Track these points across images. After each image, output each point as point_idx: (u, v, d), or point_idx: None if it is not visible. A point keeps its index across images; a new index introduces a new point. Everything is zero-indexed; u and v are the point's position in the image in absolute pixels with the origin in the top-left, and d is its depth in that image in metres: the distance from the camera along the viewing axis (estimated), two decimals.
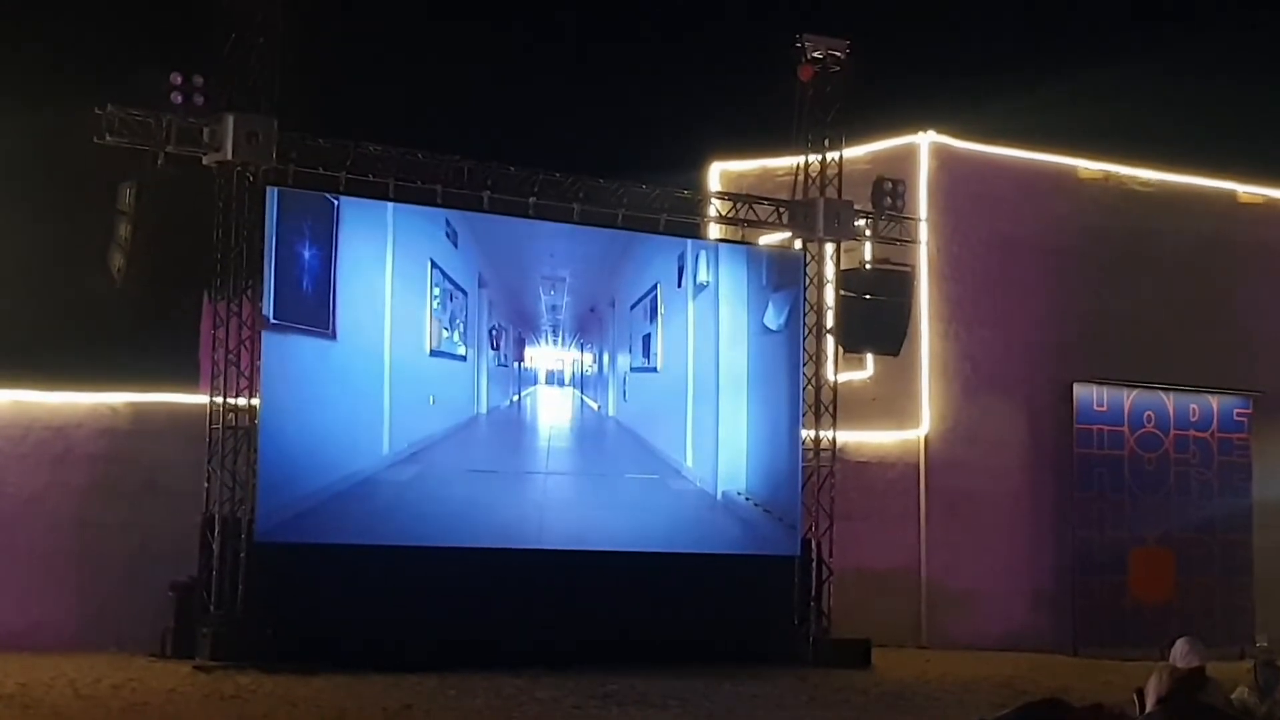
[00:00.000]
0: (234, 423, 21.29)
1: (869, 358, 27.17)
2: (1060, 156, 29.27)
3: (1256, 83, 32.39)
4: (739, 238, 25.44)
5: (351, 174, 22.09)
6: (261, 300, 21.12)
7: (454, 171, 22.76)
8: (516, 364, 23.63)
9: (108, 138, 20.57)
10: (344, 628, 20.70)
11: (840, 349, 25.53)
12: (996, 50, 33.09)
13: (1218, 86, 32.06)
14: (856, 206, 25.30)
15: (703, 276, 24.75)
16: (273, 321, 21.20)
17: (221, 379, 21.34)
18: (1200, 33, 33.51)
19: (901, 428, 27.81)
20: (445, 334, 23.01)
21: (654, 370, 24.50)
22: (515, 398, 23.63)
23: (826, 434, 25.10)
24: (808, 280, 25.18)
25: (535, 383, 23.74)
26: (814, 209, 25.03)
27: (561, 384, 23.88)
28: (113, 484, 22.17)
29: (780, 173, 26.89)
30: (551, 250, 23.97)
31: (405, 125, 25.45)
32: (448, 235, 22.99)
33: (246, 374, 21.30)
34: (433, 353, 22.84)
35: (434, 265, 22.79)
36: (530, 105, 31.20)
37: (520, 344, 23.64)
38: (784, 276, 25.07)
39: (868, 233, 25.60)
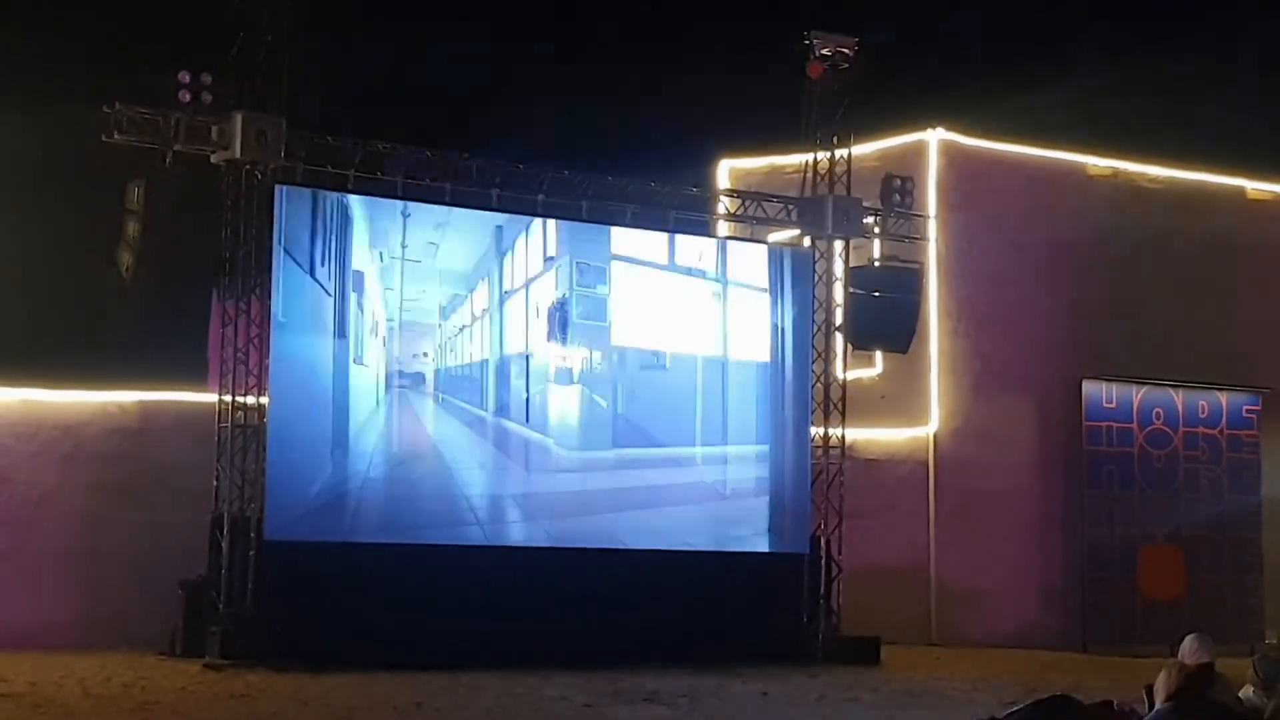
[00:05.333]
0: (243, 421, 21.32)
1: (878, 355, 27.19)
2: (1069, 154, 29.25)
3: (1266, 79, 32.36)
4: (748, 235, 25.44)
5: (360, 172, 22.09)
6: (270, 299, 21.12)
7: (462, 169, 22.77)
8: (525, 361, 23.61)
9: (116, 136, 20.57)
10: (354, 625, 20.68)
11: (849, 346, 25.51)
12: (1005, 47, 33.08)
13: (1227, 83, 32.03)
14: (865, 204, 25.29)
15: (712, 273, 24.77)
16: (281, 319, 21.19)
17: (230, 377, 21.35)
18: (1209, 29, 33.47)
19: (910, 425, 27.81)
20: None
21: (663, 368, 24.49)
22: (524, 395, 23.60)
23: (836, 431, 25.09)
24: (816, 278, 25.18)
25: (546, 380, 23.71)
26: (823, 206, 25.03)
27: (570, 381, 23.85)
28: (122, 483, 22.20)
29: (789, 170, 26.88)
30: None
31: (413, 123, 25.45)
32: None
33: (255, 372, 21.32)
34: None
35: None
36: (538, 103, 31.20)
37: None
38: (793, 274, 25.05)
39: (876, 230, 25.58)
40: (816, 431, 24.96)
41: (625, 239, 24.06)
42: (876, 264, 25.60)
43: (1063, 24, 34.32)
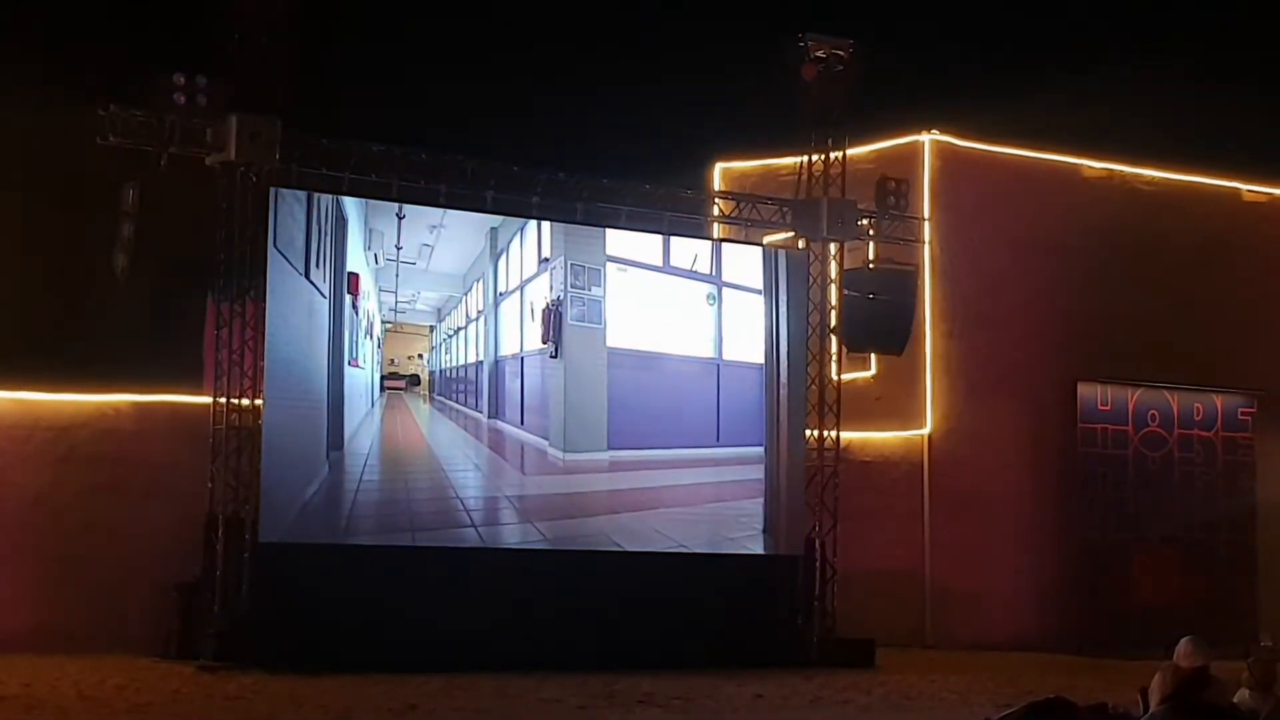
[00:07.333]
0: (238, 423, 21.30)
1: (873, 357, 27.18)
2: (1064, 155, 29.29)
3: (1261, 81, 32.35)
4: (743, 237, 25.44)
5: (355, 174, 22.09)
6: (264, 300, 21.10)
7: (457, 171, 22.76)
8: (520, 363, 23.63)
9: (111, 139, 20.58)
10: (348, 627, 20.68)
11: (844, 348, 25.52)
12: (1000, 49, 33.06)
13: (1223, 85, 32.02)
14: (860, 206, 25.29)
15: (706, 275, 24.80)
16: (276, 321, 21.16)
17: (225, 379, 21.34)
18: (1205, 31, 33.47)
19: (905, 427, 27.82)
20: None
21: (658, 370, 24.51)
22: (519, 397, 23.61)
23: (830, 433, 25.08)
24: (811, 280, 25.18)
25: (541, 382, 23.70)
26: (817, 209, 25.02)
27: (565, 384, 23.84)
28: (116, 484, 22.19)
29: (784, 172, 26.86)
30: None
31: (409, 125, 25.44)
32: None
33: (250, 374, 21.30)
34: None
35: None
36: (533, 105, 31.19)
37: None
38: (788, 276, 25.06)
39: (871, 232, 25.59)
40: (811, 433, 24.95)
41: (620, 241, 24.07)
42: (871, 266, 25.60)
43: (1057, 26, 34.34)
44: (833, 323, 25.25)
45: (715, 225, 25.41)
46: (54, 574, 21.68)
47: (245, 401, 21.32)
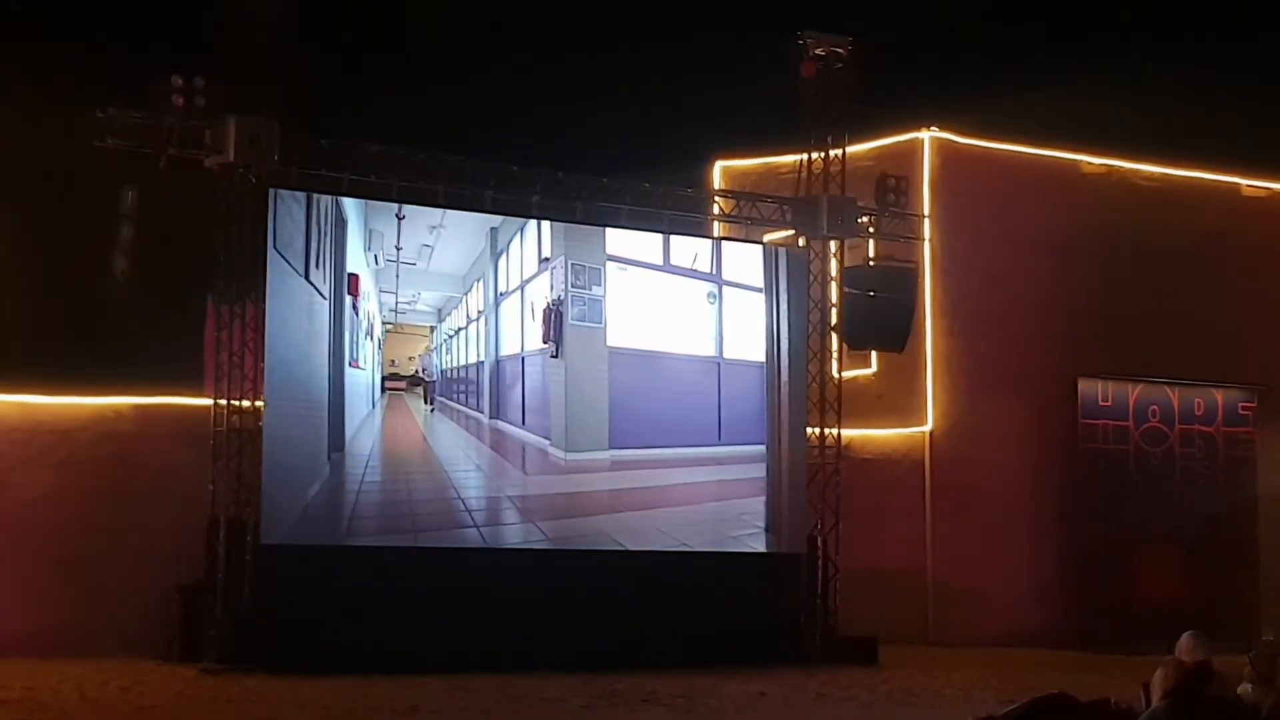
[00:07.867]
0: (239, 424, 21.29)
1: (873, 355, 27.20)
2: (1063, 152, 29.28)
3: (1261, 75, 32.35)
4: (743, 235, 25.44)
5: (354, 175, 22.07)
6: (264, 302, 21.09)
7: (457, 171, 22.75)
8: (521, 363, 23.62)
9: (109, 141, 20.56)
10: (351, 629, 20.66)
11: (845, 346, 25.52)
12: (999, 46, 33.07)
13: (1222, 79, 32.02)
14: (860, 203, 25.28)
15: (707, 274, 24.79)
16: (276, 323, 21.15)
17: (225, 381, 21.33)
18: (1204, 25, 33.47)
19: (906, 424, 27.81)
20: None
21: (659, 369, 24.49)
22: (520, 397, 23.61)
23: (832, 431, 25.07)
24: (812, 277, 25.17)
25: (541, 382, 23.69)
26: (818, 206, 25.01)
27: (565, 383, 23.83)
28: (118, 487, 22.18)
29: (784, 170, 26.87)
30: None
31: (408, 125, 25.45)
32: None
33: (250, 375, 21.29)
34: None
35: None
36: (533, 104, 31.20)
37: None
38: (788, 274, 25.05)
39: (871, 230, 25.58)
40: (812, 431, 24.94)
41: (620, 240, 24.07)
42: (871, 263, 25.61)
43: (1057, 23, 34.34)
44: (833, 320, 25.25)
45: (715, 224, 25.42)
46: (56, 577, 21.68)
47: (246, 403, 21.31)
